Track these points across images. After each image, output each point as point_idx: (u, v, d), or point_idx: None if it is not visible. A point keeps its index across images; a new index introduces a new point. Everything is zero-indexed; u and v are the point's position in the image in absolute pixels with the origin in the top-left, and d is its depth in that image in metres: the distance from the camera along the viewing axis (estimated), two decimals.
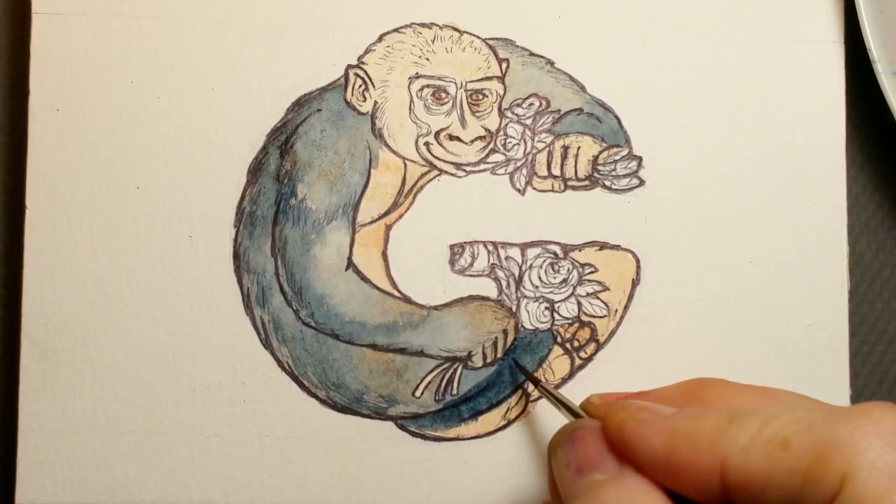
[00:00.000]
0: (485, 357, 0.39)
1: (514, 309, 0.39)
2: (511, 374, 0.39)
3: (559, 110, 0.40)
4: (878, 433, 0.26)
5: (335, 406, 0.38)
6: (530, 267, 0.39)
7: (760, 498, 0.28)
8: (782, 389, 0.33)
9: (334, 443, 0.38)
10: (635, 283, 0.39)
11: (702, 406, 0.32)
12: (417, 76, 0.40)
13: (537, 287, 0.39)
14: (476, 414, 0.39)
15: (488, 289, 0.39)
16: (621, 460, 0.30)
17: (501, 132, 0.40)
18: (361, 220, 0.39)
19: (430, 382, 0.39)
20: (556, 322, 0.39)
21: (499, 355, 0.39)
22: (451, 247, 0.39)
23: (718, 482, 0.28)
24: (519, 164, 0.40)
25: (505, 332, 0.39)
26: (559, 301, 0.39)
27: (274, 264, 0.39)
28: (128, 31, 0.39)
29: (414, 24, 0.40)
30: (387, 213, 0.39)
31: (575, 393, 0.39)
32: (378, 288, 0.39)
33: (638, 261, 0.39)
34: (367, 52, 0.40)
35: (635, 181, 0.40)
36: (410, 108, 0.39)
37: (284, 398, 0.38)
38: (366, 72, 0.39)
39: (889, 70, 0.39)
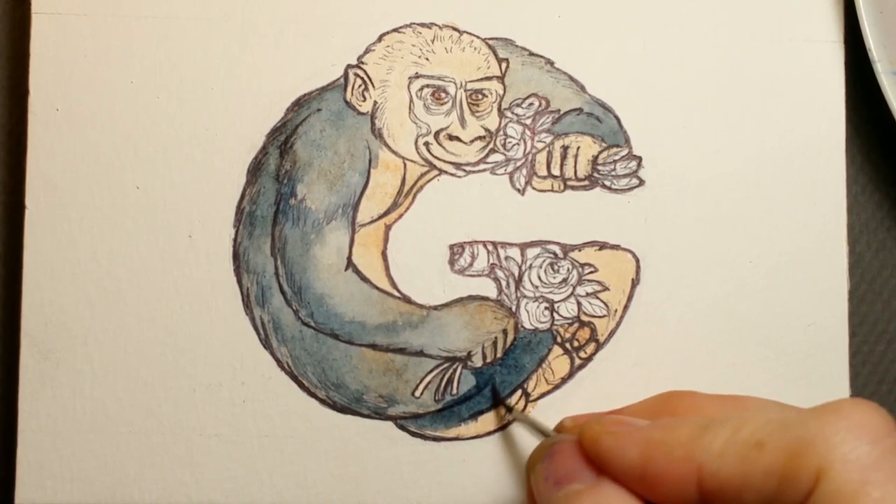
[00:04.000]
0: (484, 357, 0.39)
1: (513, 309, 0.39)
2: (493, 394, 0.39)
3: (559, 110, 0.40)
4: (850, 427, 0.27)
5: (335, 406, 0.38)
6: (530, 267, 0.39)
7: (738, 501, 0.28)
8: (751, 396, 0.34)
9: (334, 443, 0.38)
10: (635, 283, 0.39)
11: (674, 417, 0.32)
12: (417, 76, 0.40)
13: (537, 287, 0.39)
14: (476, 414, 0.39)
15: (488, 289, 0.39)
16: (598, 472, 0.31)
17: (501, 132, 0.40)
18: (361, 220, 0.39)
19: (429, 382, 0.39)
20: (555, 322, 0.39)
21: (498, 355, 0.39)
22: (451, 247, 0.39)
23: (695, 490, 0.28)
24: (519, 164, 0.40)
25: (504, 332, 0.39)
26: (559, 301, 0.39)
27: (273, 264, 0.39)
28: (128, 31, 0.39)
29: (414, 24, 0.40)
30: (386, 213, 0.39)
31: (574, 393, 0.39)
32: (378, 288, 0.39)
33: (638, 261, 0.39)
34: (366, 52, 0.40)
35: (635, 181, 0.40)
36: (410, 108, 0.39)
37: (284, 398, 0.38)
38: (365, 72, 0.39)
39: (889, 70, 0.39)
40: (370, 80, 0.39)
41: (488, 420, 0.39)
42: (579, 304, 0.39)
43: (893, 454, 0.27)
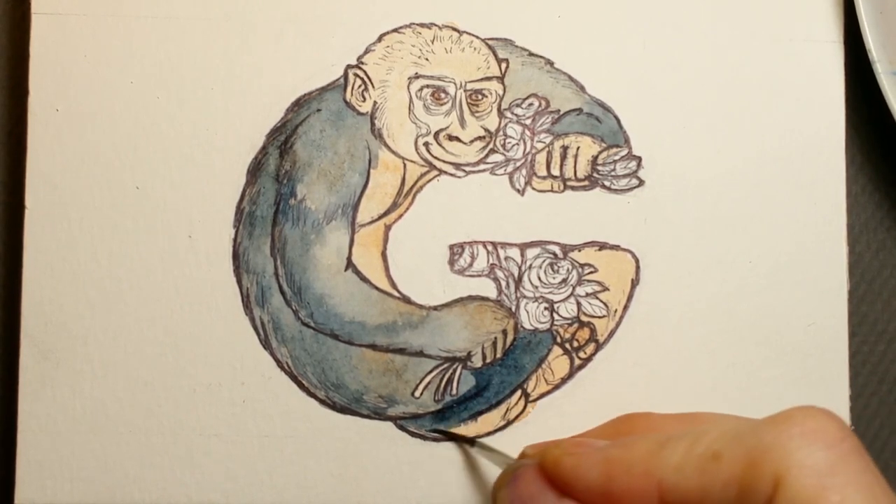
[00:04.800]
0: (484, 357, 0.39)
1: (513, 309, 0.39)
2: (444, 433, 0.39)
3: (559, 110, 0.40)
4: (804, 434, 0.27)
5: (335, 406, 0.38)
6: (530, 267, 0.39)
7: None
8: (707, 412, 0.34)
9: (334, 443, 0.38)
10: (635, 283, 0.39)
11: (633, 436, 0.32)
12: (417, 76, 0.40)
13: (537, 287, 0.39)
14: (476, 414, 0.39)
15: (488, 289, 0.39)
16: (561, 495, 0.31)
17: (501, 132, 0.40)
18: (361, 221, 0.39)
19: (429, 383, 0.39)
20: (555, 322, 0.39)
21: (498, 355, 0.39)
22: (451, 247, 0.39)
23: None
24: (518, 164, 0.40)
25: (504, 332, 0.39)
26: (558, 301, 0.39)
27: (273, 264, 0.39)
28: (128, 31, 0.39)
29: (413, 24, 0.40)
30: (386, 214, 0.39)
31: (574, 393, 0.39)
32: (378, 288, 0.39)
33: (637, 261, 0.39)
34: (366, 52, 0.40)
35: (635, 181, 0.40)
36: (410, 109, 0.39)
37: (284, 398, 0.38)
38: (365, 72, 0.39)
39: (889, 70, 0.39)
40: (370, 80, 0.39)
41: (488, 420, 0.39)
42: (579, 304, 0.39)
43: (848, 458, 0.27)
